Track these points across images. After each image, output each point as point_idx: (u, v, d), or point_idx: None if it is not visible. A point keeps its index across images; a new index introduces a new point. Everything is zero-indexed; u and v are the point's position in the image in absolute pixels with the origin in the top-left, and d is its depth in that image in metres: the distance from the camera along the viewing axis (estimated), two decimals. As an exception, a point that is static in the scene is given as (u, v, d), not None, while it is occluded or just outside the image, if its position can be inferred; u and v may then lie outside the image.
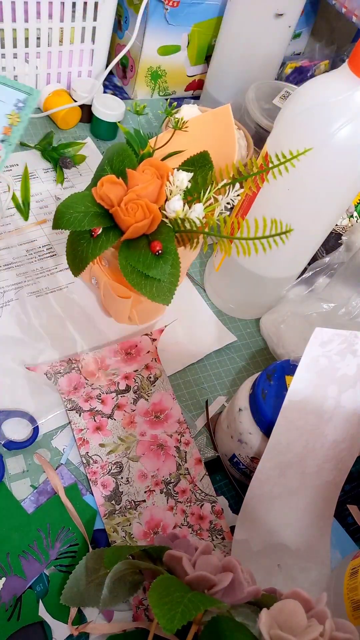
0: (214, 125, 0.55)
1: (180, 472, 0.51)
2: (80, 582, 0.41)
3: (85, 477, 0.50)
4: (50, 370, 0.53)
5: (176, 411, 0.54)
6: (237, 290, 0.63)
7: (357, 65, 0.41)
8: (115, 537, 0.47)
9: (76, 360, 0.54)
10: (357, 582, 0.42)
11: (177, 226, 0.47)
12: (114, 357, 0.56)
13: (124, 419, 0.53)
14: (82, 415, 0.52)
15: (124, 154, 0.50)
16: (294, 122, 0.45)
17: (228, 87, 0.80)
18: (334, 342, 0.44)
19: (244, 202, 0.54)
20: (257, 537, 0.48)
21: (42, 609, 0.43)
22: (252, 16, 0.72)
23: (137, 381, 0.55)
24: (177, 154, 0.54)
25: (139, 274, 0.45)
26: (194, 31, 0.80)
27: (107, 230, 0.47)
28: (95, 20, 0.73)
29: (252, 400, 0.47)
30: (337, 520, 0.52)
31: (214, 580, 0.34)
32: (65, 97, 0.76)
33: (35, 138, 0.75)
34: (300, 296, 0.61)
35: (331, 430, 0.46)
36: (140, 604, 0.44)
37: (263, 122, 0.70)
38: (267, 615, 0.32)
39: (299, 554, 0.49)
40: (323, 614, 0.33)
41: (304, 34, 0.94)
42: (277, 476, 0.47)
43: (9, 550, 0.45)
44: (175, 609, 0.31)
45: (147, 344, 0.58)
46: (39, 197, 0.69)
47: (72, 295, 0.61)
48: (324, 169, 0.45)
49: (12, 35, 0.69)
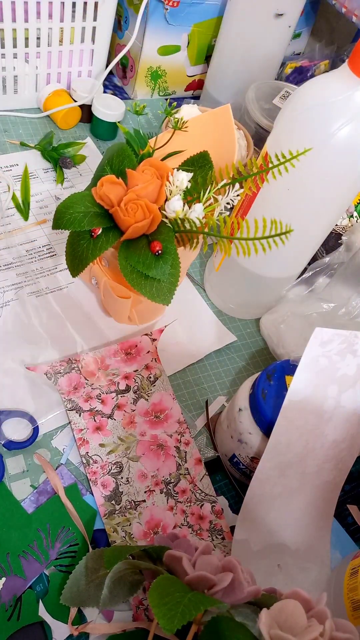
0: (213, 125, 0.55)
1: (180, 472, 0.51)
2: (80, 582, 0.41)
3: (85, 477, 0.50)
4: (50, 370, 0.53)
5: (176, 411, 0.54)
6: (237, 290, 0.63)
7: (357, 65, 0.41)
8: (115, 537, 0.47)
9: (76, 361, 0.54)
10: (357, 582, 0.42)
11: (177, 226, 0.47)
12: (114, 357, 0.56)
13: (124, 419, 0.53)
14: (82, 415, 0.52)
15: (123, 154, 0.50)
16: (294, 122, 0.45)
17: (228, 87, 0.80)
18: (334, 342, 0.44)
19: (244, 202, 0.54)
20: (257, 537, 0.48)
21: (42, 609, 0.43)
22: (252, 16, 0.72)
23: (137, 381, 0.55)
24: (177, 154, 0.54)
25: (139, 274, 0.45)
26: (194, 31, 0.80)
27: (107, 230, 0.47)
28: (95, 20, 0.73)
29: (252, 400, 0.47)
30: (337, 520, 0.52)
31: (214, 580, 0.34)
32: (65, 97, 0.76)
33: (35, 138, 0.75)
34: (300, 296, 0.61)
35: (331, 430, 0.46)
36: (140, 604, 0.44)
37: (263, 122, 0.70)
38: (267, 615, 0.32)
39: (299, 554, 0.49)
40: (323, 614, 0.33)
41: (304, 34, 0.94)
42: (277, 476, 0.47)
43: (9, 550, 0.45)
44: (175, 609, 0.31)
45: (147, 344, 0.58)
46: (39, 197, 0.69)
47: (72, 295, 0.61)
48: (324, 169, 0.45)
49: (12, 35, 0.69)
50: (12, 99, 0.76)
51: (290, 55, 0.92)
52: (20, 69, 0.73)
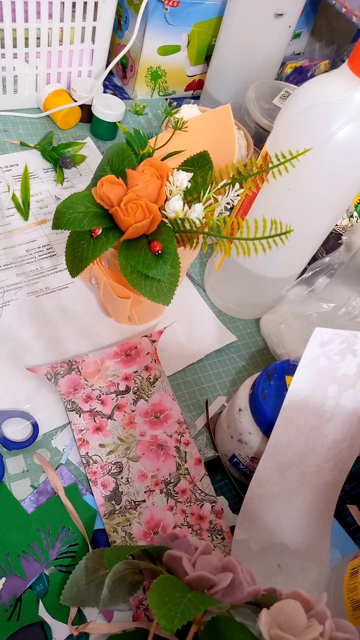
0: (213, 125, 0.55)
1: (180, 472, 0.51)
2: (80, 582, 0.41)
3: (85, 477, 0.50)
4: (51, 372, 0.53)
5: (176, 412, 0.54)
6: (237, 290, 0.63)
7: (357, 65, 0.41)
8: (115, 537, 0.47)
9: (76, 362, 0.54)
10: (357, 582, 0.42)
11: (177, 226, 0.47)
12: (113, 358, 0.56)
13: (124, 419, 0.53)
14: (82, 416, 0.52)
15: (123, 154, 0.50)
16: (294, 122, 0.45)
17: (228, 87, 0.80)
18: (334, 342, 0.44)
19: (244, 202, 0.54)
20: (257, 537, 0.48)
21: (42, 609, 0.43)
22: (252, 16, 0.72)
23: (137, 382, 0.55)
24: (177, 153, 0.54)
25: (139, 274, 0.45)
26: (194, 31, 0.80)
27: (107, 230, 0.47)
28: (95, 20, 0.73)
29: (252, 400, 0.47)
30: (337, 520, 0.52)
31: (214, 580, 0.34)
32: (65, 97, 0.76)
33: (35, 138, 0.75)
34: (300, 296, 0.61)
35: (331, 430, 0.46)
36: (140, 604, 0.44)
37: (263, 122, 0.70)
38: (267, 615, 0.32)
39: (299, 554, 0.49)
40: (323, 614, 0.33)
41: (304, 34, 0.94)
42: (277, 476, 0.47)
43: (9, 550, 0.45)
44: (175, 609, 0.31)
45: (146, 345, 0.58)
46: (39, 197, 0.69)
47: (72, 296, 0.61)
48: (324, 169, 0.45)
49: (12, 35, 0.69)
50: (12, 99, 0.76)
51: (290, 55, 0.92)
52: (20, 69, 0.73)
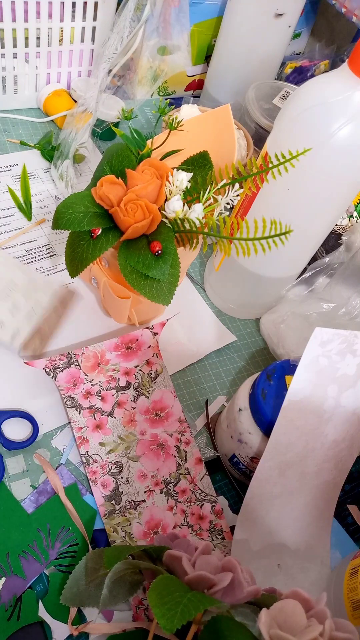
0: (213, 125, 0.55)
1: (180, 472, 0.51)
2: (80, 582, 0.41)
3: (85, 477, 0.50)
4: (49, 365, 0.53)
5: (177, 409, 0.54)
6: (237, 290, 0.63)
7: (357, 65, 0.41)
8: (115, 537, 0.47)
9: (75, 354, 0.54)
10: (357, 582, 0.42)
11: (176, 226, 0.47)
12: (114, 351, 0.55)
13: (124, 417, 0.53)
14: (82, 413, 0.52)
15: (123, 154, 0.50)
16: (294, 122, 0.45)
17: (228, 87, 0.80)
18: (334, 342, 0.44)
19: (244, 202, 0.54)
20: (257, 537, 0.48)
21: (42, 609, 0.43)
22: (252, 16, 0.72)
23: (138, 377, 0.55)
24: (176, 153, 0.54)
25: (139, 274, 0.45)
26: (194, 31, 0.80)
27: (106, 230, 0.46)
28: (95, 20, 0.73)
29: (252, 400, 0.47)
30: (337, 520, 0.52)
31: (213, 580, 0.34)
32: (65, 97, 0.76)
33: (35, 138, 0.75)
34: (300, 296, 0.61)
35: (331, 430, 0.46)
36: (140, 604, 0.44)
37: (263, 122, 0.70)
38: (267, 615, 0.32)
39: (299, 554, 0.49)
40: (323, 613, 0.33)
41: (304, 34, 0.94)
42: (277, 476, 0.47)
43: (9, 550, 0.45)
44: (175, 609, 0.31)
45: (148, 338, 0.57)
46: (39, 197, 0.69)
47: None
48: (324, 169, 0.45)
49: (12, 35, 0.69)
50: (12, 99, 0.76)
51: (290, 55, 0.92)
52: (20, 69, 0.73)
